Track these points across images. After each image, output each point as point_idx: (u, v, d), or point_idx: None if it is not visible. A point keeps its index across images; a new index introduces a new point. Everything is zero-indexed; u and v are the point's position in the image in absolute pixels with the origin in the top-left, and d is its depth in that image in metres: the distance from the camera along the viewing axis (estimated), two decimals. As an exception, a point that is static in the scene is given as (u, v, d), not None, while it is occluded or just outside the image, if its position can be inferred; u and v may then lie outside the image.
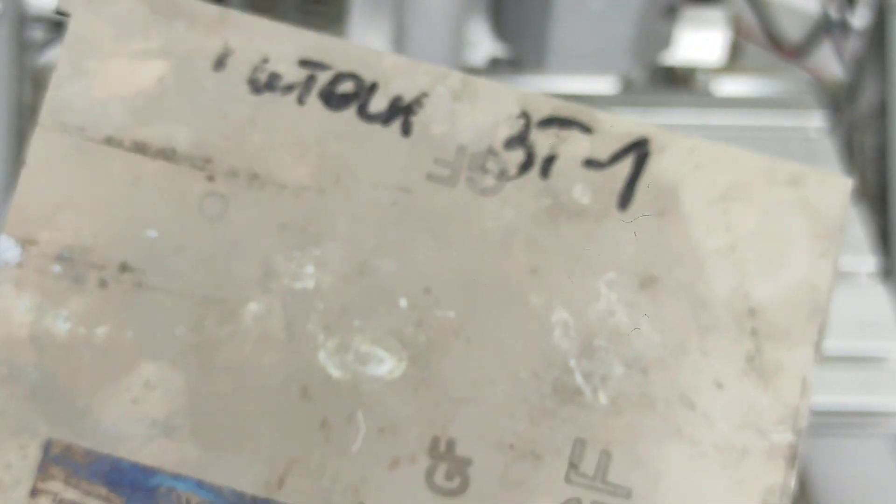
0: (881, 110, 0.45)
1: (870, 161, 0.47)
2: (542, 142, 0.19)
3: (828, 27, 0.52)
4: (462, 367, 0.19)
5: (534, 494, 0.18)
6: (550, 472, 0.18)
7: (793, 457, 0.18)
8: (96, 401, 0.19)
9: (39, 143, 0.19)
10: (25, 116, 0.47)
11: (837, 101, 0.49)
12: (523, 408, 0.18)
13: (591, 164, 0.19)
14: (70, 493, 0.19)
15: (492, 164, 0.19)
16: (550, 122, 0.19)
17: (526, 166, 0.19)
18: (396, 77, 0.19)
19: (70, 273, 0.19)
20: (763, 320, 0.19)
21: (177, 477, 0.19)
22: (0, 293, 0.19)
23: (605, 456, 0.18)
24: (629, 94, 0.50)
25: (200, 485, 0.19)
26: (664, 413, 0.18)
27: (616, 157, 0.19)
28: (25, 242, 0.19)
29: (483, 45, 0.44)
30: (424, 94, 0.19)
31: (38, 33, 0.54)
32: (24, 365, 0.19)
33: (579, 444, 0.18)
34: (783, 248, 0.19)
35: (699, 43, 0.52)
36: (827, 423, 0.38)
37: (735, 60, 0.54)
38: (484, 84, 0.19)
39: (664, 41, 0.44)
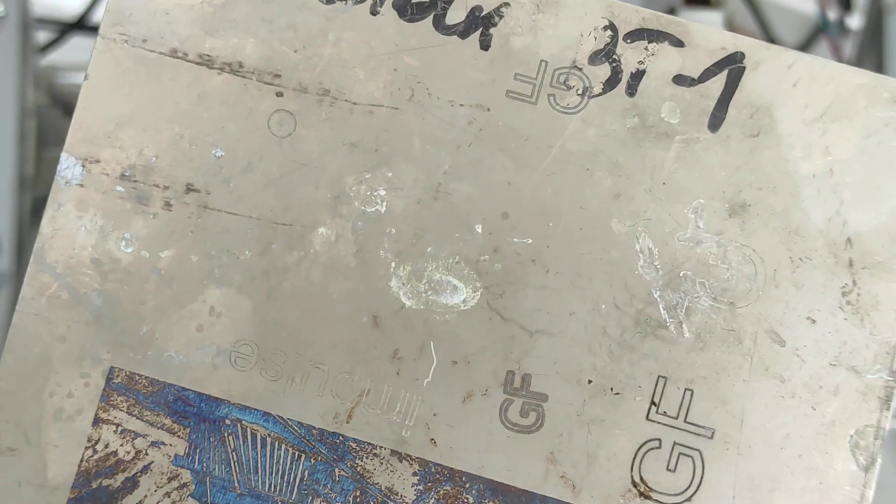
0: None
1: None
2: (630, 56, 0.18)
3: (825, 29, 0.52)
4: (539, 297, 0.18)
5: (612, 433, 0.17)
6: (630, 409, 0.18)
7: (888, 398, 0.17)
8: (160, 328, 0.18)
9: (100, 56, 0.18)
10: (29, 118, 0.45)
11: None
12: (603, 341, 0.18)
13: (681, 80, 0.18)
14: (133, 424, 0.18)
15: (575, 80, 0.18)
16: (639, 34, 0.18)
17: (612, 82, 0.18)
18: None
19: (133, 194, 0.18)
20: (861, 251, 0.17)
21: (243, 409, 0.18)
22: (61, 213, 0.18)
23: (689, 394, 0.18)
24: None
25: (267, 417, 0.18)
26: (751, 349, 0.17)
27: (708, 74, 0.18)
28: (87, 161, 0.18)
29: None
30: (505, 4, 0.18)
31: (41, 35, 0.52)
32: (86, 289, 0.18)
33: (661, 381, 0.18)
34: (885, 174, 0.18)
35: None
36: None
37: None
38: None
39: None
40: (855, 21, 0.52)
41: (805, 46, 0.55)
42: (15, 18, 0.46)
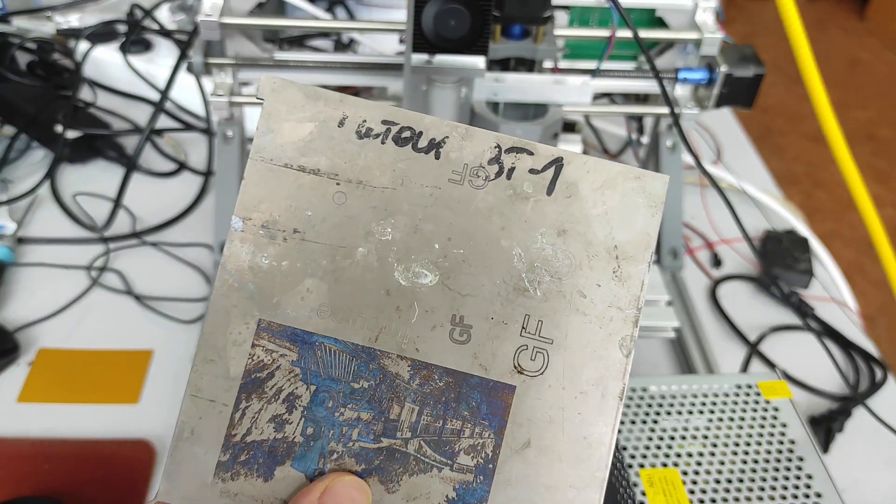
0: None
1: None
2: (507, 160, 0.29)
3: (630, 143, 0.81)
4: (466, 279, 0.28)
5: (504, 342, 0.28)
6: (512, 330, 0.28)
7: (636, 321, 0.28)
8: (283, 299, 0.28)
9: (250, 168, 0.29)
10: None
11: None
12: (497, 300, 0.28)
13: (532, 171, 0.29)
14: (270, 346, 0.28)
15: (481, 173, 0.29)
16: (511, 150, 0.29)
17: (499, 174, 0.29)
18: (431, 128, 0.29)
19: (268, 234, 0.28)
20: (622, 250, 0.28)
21: (324, 336, 0.28)
22: (232, 245, 0.29)
23: (540, 322, 0.28)
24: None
25: (336, 340, 0.28)
26: (570, 300, 0.28)
27: (546, 167, 0.29)
28: (245, 219, 0.28)
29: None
30: (446, 137, 0.29)
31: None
32: (246, 281, 0.28)
33: (527, 317, 0.28)
34: (632, 213, 0.28)
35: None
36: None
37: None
38: (476, 130, 0.29)
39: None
40: (645, 138, 0.78)
41: (620, 153, 0.86)
42: (238, 139, 0.68)
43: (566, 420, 0.28)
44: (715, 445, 0.49)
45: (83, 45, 0.91)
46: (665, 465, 0.47)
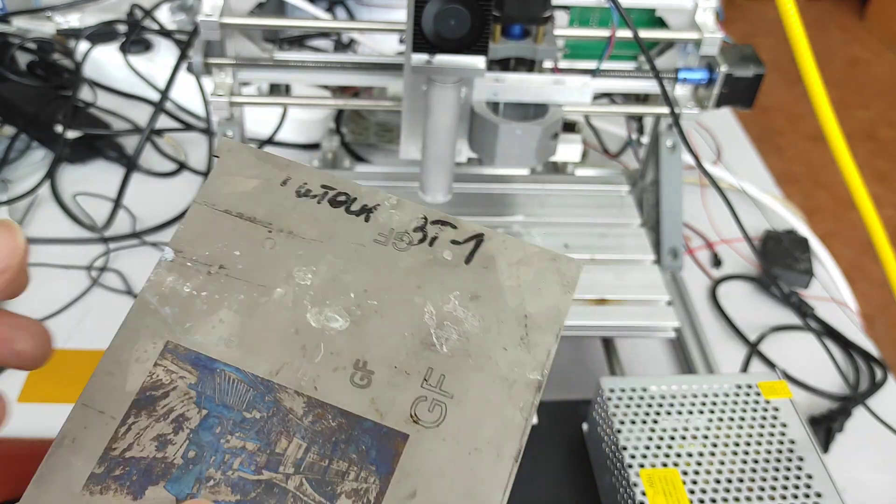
0: (655, 184, 0.72)
1: (650, 208, 0.73)
2: (431, 230, 0.31)
3: (630, 143, 0.80)
4: (376, 327, 0.29)
5: (404, 391, 0.28)
6: (414, 380, 0.28)
7: (539, 387, 0.28)
8: (196, 325, 0.28)
9: (193, 210, 0.31)
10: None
11: (634, 179, 0.77)
12: (403, 351, 0.29)
13: (454, 242, 0.31)
14: (172, 367, 0.28)
15: (406, 238, 0.31)
16: (437, 222, 0.31)
17: (422, 240, 0.31)
18: (365, 196, 0.31)
19: (194, 266, 0.29)
20: (531, 320, 0.29)
21: (226, 365, 0.28)
22: (159, 272, 0.30)
23: (442, 376, 0.28)
24: (534, 175, 0.77)
25: (237, 370, 0.28)
26: (475, 360, 0.29)
27: (467, 240, 0.31)
28: (177, 251, 0.30)
29: (464, 151, 0.65)
30: (377, 204, 0.31)
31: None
32: (163, 305, 0.29)
33: (430, 370, 0.28)
34: (545, 289, 0.30)
35: (568, 151, 0.79)
36: (630, 332, 0.64)
37: (585, 159, 0.83)
38: (407, 202, 0.31)
39: (552, 150, 0.62)
40: (645, 138, 0.77)
41: (620, 153, 0.86)
42: (238, 139, 0.68)
43: (456, 475, 0.27)
44: (715, 445, 0.49)
45: (83, 45, 0.91)
46: (665, 465, 0.48)
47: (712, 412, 0.51)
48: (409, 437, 0.27)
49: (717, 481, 0.47)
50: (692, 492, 0.46)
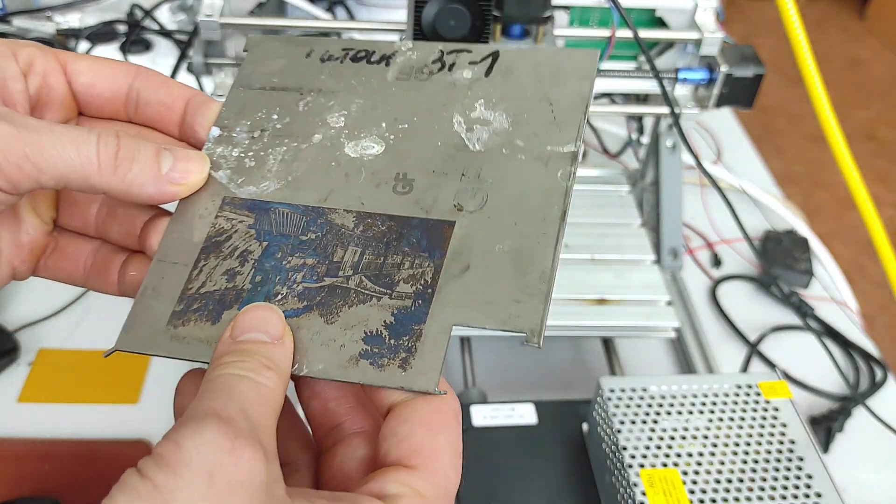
0: (655, 184, 0.73)
1: (650, 208, 0.73)
2: (448, 59, 0.33)
3: (630, 143, 0.81)
4: (410, 145, 0.31)
5: (444, 189, 0.30)
6: (452, 178, 0.30)
7: (575, 157, 0.30)
8: (248, 179, 0.31)
9: (232, 93, 0.34)
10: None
11: (635, 179, 0.78)
12: (439, 157, 0.31)
13: (472, 63, 0.33)
14: (231, 215, 0.30)
15: (426, 70, 0.33)
16: (453, 51, 0.33)
17: (441, 69, 0.33)
18: (383, 48, 0.34)
19: (238, 136, 0.32)
20: (557, 105, 0.31)
21: (279, 203, 0.30)
22: (208, 147, 0.32)
23: (480, 169, 0.30)
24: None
25: (289, 205, 0.30)
26: (509, 149, 0.30)
27: (484, 59, 0.33)
28: (222, 128, 0.32)
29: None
30: (395, 52, 0.34)
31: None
32: (217, 169, 0.31)
33: (466, 167, 0.30)
34: (565, 78, 0.32)
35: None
36: (630, 332, 0.64)
37: (585, 159, 0.86)
38: (422, 43, 0.34)
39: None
40: (645, 138, 0.77)
41: (620, 153, 0.85)
42: None
43: (505, 242, 0.28)
44: (715, 445, 0.49)
45: (83, 45, 0.91)
46: (665, 465, 0.47)
47: (712, 412, 0.51)
48: (455, 223, 0.29)
49: (717, 481, 0.47)
50: (692, 492, 0.46)
